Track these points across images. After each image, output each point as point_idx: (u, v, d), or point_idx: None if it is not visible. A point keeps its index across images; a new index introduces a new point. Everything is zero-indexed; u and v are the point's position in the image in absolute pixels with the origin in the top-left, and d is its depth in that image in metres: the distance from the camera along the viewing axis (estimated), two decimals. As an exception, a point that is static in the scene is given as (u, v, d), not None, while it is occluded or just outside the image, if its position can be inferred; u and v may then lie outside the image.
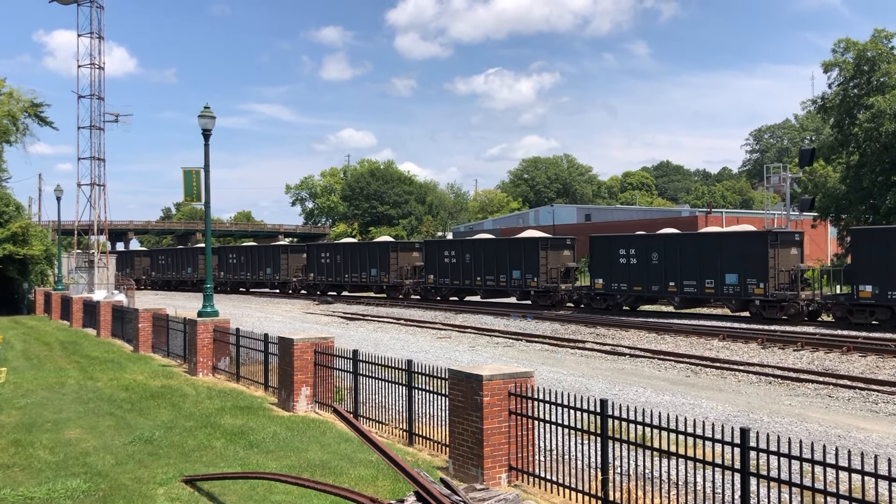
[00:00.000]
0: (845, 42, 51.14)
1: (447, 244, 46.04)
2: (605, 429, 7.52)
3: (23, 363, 19.86)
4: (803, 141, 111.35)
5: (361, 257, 50.46)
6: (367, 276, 49.66)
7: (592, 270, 36.66)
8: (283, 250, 58.88)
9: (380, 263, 48.75)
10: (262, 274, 59.72)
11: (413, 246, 50.40)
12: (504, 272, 40.66)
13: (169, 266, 73.53)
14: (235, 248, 64.75)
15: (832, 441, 11.91)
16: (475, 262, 42.42)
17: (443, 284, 44.37)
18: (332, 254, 52.90)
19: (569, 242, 40.64)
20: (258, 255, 61.21)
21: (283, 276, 57.50)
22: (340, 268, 51.87)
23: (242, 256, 62.28)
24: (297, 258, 58.30)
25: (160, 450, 10.26)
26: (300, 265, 57.42)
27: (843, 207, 51.36)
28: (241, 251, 63.58)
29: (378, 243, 51.76)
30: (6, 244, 39.38)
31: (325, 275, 53.13)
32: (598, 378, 18.36)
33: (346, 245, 54.10)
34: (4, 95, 43.47)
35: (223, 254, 64.76)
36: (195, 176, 22.49)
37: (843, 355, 21.80)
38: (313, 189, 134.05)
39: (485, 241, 44.03)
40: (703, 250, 32.61)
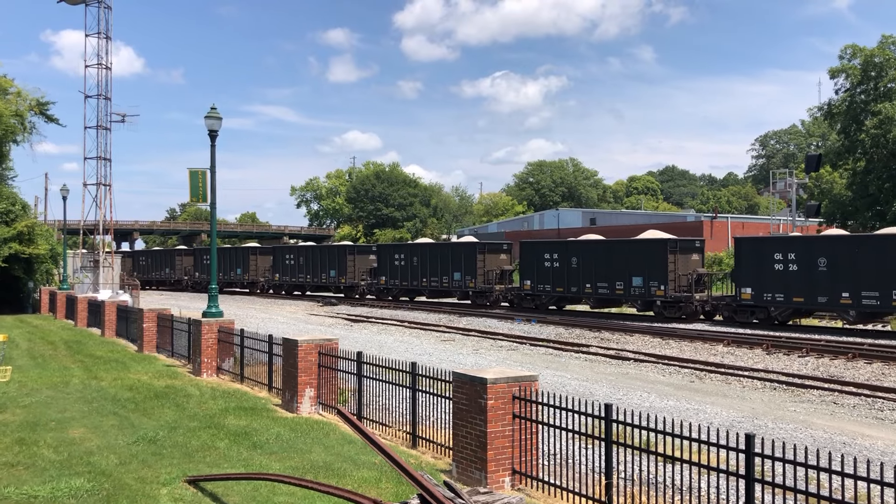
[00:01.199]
0: (852, 48, 51.06)
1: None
2: (609, 433, 7.50)
3: (27, 362, 19.90)
4: (809, 147, 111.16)
5: (442, 259, 44.96)
6: (450, 280, 44.41)
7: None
8: (349, 251, 53.67)
9: (465, 267, 43.50)
10: (325, 276, 54.13)
11: (501, 248, 44.77)
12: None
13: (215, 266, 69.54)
14: (293, 248, 61.80)
15: (837, 448, 11.86)
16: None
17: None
18: (408, 255, 47.36)
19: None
20: (320, 256, 55.53)
21: (350, 280, 52.40)
22: (417, 271, 46.47)
23: (301, 257, 56.89)
24: (364, 260, 53.22)
25: (164, 450, 10.26)
26: (366, 268, 52.41)
27: (849, 213, 51.30)
28: (299, 251, 58.43)
29: (463, 244, 46.31)
30: (12, 243, 39.50)
31: (398, 279, 47.79)
32: (602, 382, 18.32)
33: (425, 246, 48.59)
34: (12, 95, 43.63)
35: (279, 254, 60.47)
36: (201, 177, 22.55)
37: (848, 362, 21.73)
38: (318, 191, 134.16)
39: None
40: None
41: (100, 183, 50.28)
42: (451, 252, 44.50)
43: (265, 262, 61.73)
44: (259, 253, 63.07)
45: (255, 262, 61.88)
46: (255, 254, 62.72)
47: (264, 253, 63.10)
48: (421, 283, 46.05)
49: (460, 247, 44.91)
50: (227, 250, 63.53)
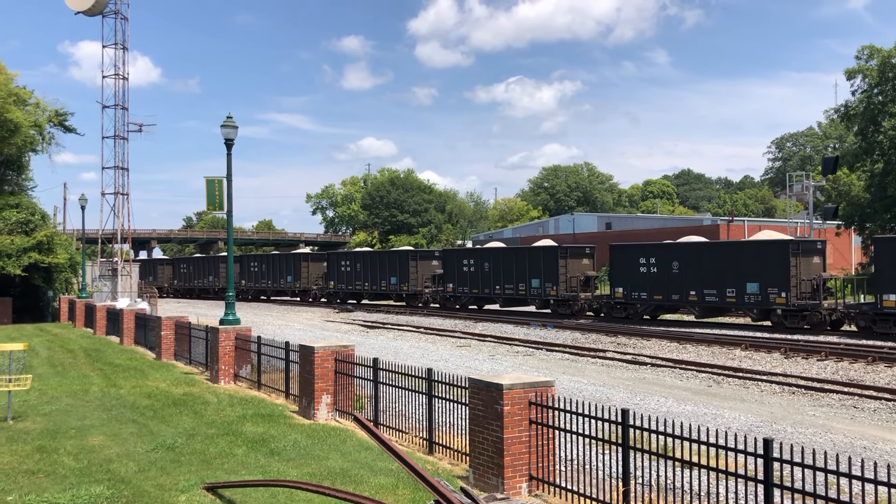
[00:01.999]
0: (869, 49, 50.67)
1: None
2: (626, 439, 7.48)
3: (48, 370, 20.08)
4: (826, 149, 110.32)
5: (518, 264, 41.22)
6: (527, 287, 40.44)
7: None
8: (412, 256, 50.20)
9: (545, 273, 39.39)
10: (385, 284, 51.04)
11: (584, 251, 41.05)
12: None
13: (262, 274, 64.46)
14: (349, 254, 57.21)
15: (858, 453, 11.75)
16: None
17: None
18: (478, 261, 43.76)
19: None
20: (379, 262, 52.14)
21: (413, 287, 48.62)
22: (489, 278, 42.76)
23: (358, 264, 53.71)
24: (427, 265, 49.66)
25: (182, 457, 10.32)
26: (431, 274, 48.96)
27: (867, 216, 50.83)
28: (356, 257, 54.89)
29: (543, 248, 41.79)
30: (32, 252, 39.89)
31: (467, 286, 44.34)
32: (619, 388, 18.25)
33: (497, 250, 44.63)
34: (31, 106, 44.12)
35: (334, 261, 56.60)
36: (217, 185, 22.69)
37: (868, 365, 21.52)
38: (334, 198, 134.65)
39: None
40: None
41: (117, 192, 50.73)
42: (529, 257, 40.73)
43: (317, 269, 58.67)
44: (311, 259, 60.22)
45: (307, 269, 58.83)
46: (307, 260, 59.97)
47: (316, 259, 60.17)
48: (493, 290, 42.38)
49: (539, 251, 40.97)
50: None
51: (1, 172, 44.33)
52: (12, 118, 39.65)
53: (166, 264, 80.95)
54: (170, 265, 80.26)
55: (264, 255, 67.26)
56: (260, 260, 65.06)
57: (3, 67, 41.19)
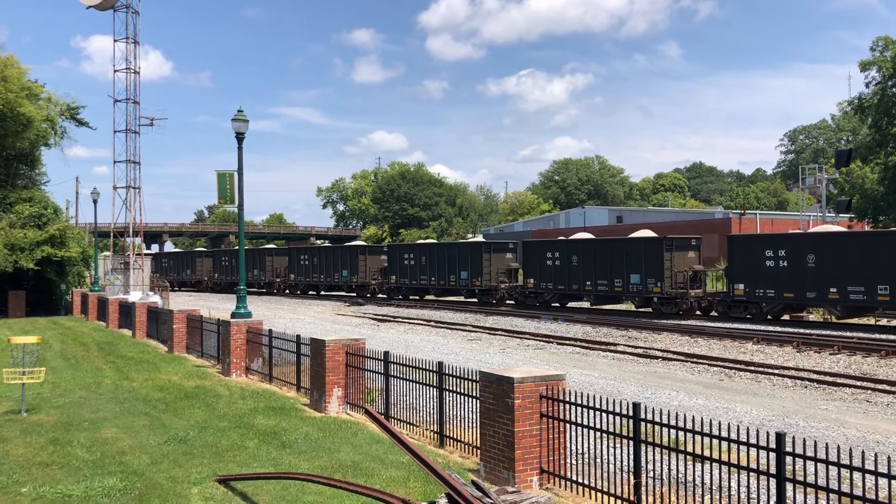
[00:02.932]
0: (884, 40, 50.22)
1: None
2: (637, 432, 7.46)
3: (61, 363, 20.22)
4: (839, 142, 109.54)
5: (616, 256, 37.44)
6: (624, 282, 36.77)
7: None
8: (485, 248, 45.66)
9: (646, 267, 35.96)
10: (455, 279, 46.63)
11: (689, 244, 36.77)
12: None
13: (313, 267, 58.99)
14: (412, 246, 53.26)
15: (870, 447, 11.69)
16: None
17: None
18: (564, 254, 39.76)
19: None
20: (449, 255, 47.60)
21: (486, 283, 44.63)
22: (578, 272, 38.96)
23: (423, 257, 48.96)
24: (500, 259, 45.69)
25: (194, 450, 10.38)
26: (505, 268, 45.36)
27: (880, 209, 50.48)
28: (420, 250, 50.04)
29: (644, 240, 37.91)
30: (45, 246, 40.15)
31: (551, 281, 40.40)
32: (630, 381, 18.21)
33: (587, 242, 40.62)
34: (43, 100, 44.34)
35: (395, 253, 51.87)
36: (229, 179, 22.76)
37: (881, 359, 21.40)
38: (344, 191, 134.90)
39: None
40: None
41: (129, 186, 50.94)
42: (627, 250, 36.87)
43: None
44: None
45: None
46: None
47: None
48: (584, 286, 38.17)
49: (639, 243, 37.00)
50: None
51: (14, 167, 44.60)
52: (25, 112, 39.87)
53: (206, 256, 76.38)
54: (209, 257, 75.91)
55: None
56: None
57: (15, 62, 41.40)
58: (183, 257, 79.02)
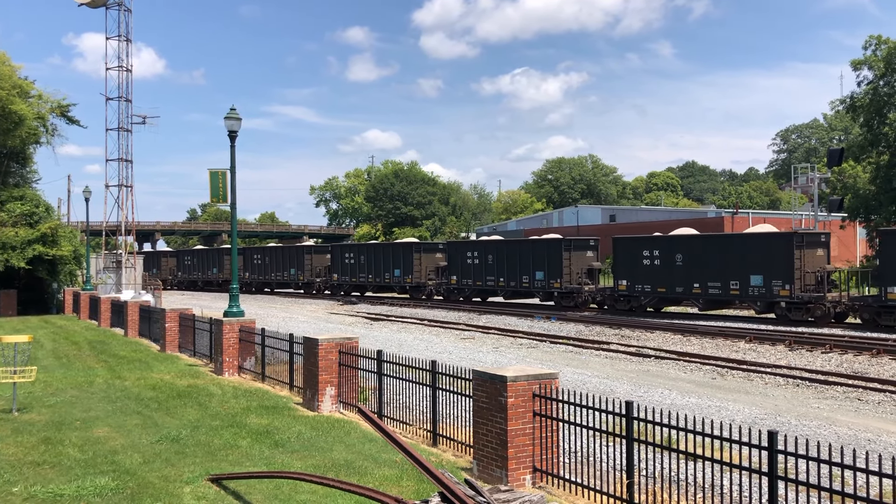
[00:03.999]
0: (877, 39, 50.37)
1: None
2: (630, 431, 7.47)
3: (52, 362, 20.14)
4: (832, 141, 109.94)
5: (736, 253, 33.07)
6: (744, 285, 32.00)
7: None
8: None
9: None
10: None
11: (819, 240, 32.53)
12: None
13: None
14: (353, 246, 58.26)
15: (862, 445, 11.74)
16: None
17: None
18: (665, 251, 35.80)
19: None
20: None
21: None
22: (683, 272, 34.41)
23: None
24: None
25: (187, 449, 10.35)
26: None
27: (872, 208, 50.66)
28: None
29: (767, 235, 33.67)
30: (36, 245, 39.98)
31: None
32: (622, 380, 18.25)
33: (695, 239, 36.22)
34: (34, 98, 44.15)
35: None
36: (221, 177, 22.70)
37: (872, 358, 21.49)
38: (337, 190, 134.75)
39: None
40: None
41: (121, 184, 50.77)
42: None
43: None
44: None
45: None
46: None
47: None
48: (691, 289, 33.69)
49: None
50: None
51: (5, 165, 44.39)
52: (16, 110, 39.69)
53: (170, 256, 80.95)
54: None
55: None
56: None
57: (7, 59, 41.22)
58: (209, 255, 73.16)
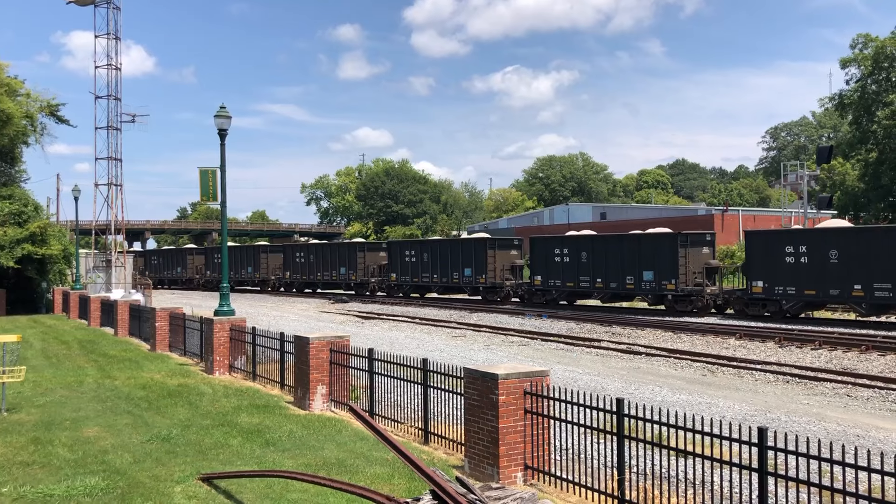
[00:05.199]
0: (865, 37, 50.66)
1: None
2: (621, 428, 7.49)
3: (42, 362, 20.04)
4: (821, 138, 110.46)
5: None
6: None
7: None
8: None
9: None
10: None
11: None
12: None
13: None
14: (301, 245, 61.41)
15: (851, 441, 11.81)
16: None
17: None
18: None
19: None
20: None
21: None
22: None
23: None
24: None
25: (177, 448, 10.32)
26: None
27: (861, 205, 50.98)
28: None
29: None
30: (25, 244, 39.76)
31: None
32: (613, 377, 18.29)
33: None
34: (22, 97, 43.89)
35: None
36: (211, 176, 22.62)
37: (861, 354, 21.61)
38: (328, 188, 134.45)
39: None
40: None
41: (111, 183, 50.53)
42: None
43: None
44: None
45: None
46: None
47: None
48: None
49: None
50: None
51: (-7, 164, 44.13)
52: (4, 109, 39.47)
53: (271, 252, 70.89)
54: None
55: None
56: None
57: (-6, 58, 40.92)
58: (243, 252, 66.37)
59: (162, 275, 75.64)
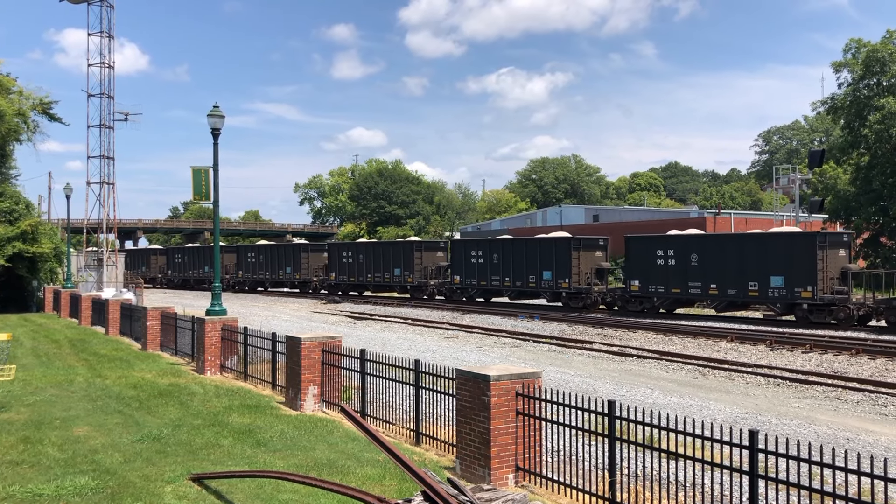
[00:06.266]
0: (857, 42, 50.88)
1: None
2: (612, 430, 7.51)
3: (32, 361, 19.95)
4: (813, 142, 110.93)
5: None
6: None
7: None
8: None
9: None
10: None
11: None
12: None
13: None
14: (252, 246, 62.57)
15: (841, 444, 11.86)
16: None
17: None
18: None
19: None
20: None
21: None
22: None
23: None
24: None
25: (168, 448, 10.29)
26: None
27: (852, 210, 51.14)
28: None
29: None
30: (16, 242, 39.58)
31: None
32: (605, 379, 18.32)
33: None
34: (14, 94, 43.67)
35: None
36: (204, 175, 22.59)
37: (851, 357, 21.71)
38: (322, 188, 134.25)
39: None
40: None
41: (103, 181, 50.40)
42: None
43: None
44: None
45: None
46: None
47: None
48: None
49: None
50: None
51: (-15, 161, 43.90)
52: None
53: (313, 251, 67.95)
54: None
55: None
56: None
57: (-14, 55, 40.71)
58: (278, 251, 61.35)
59: (187, 274, 70.30)
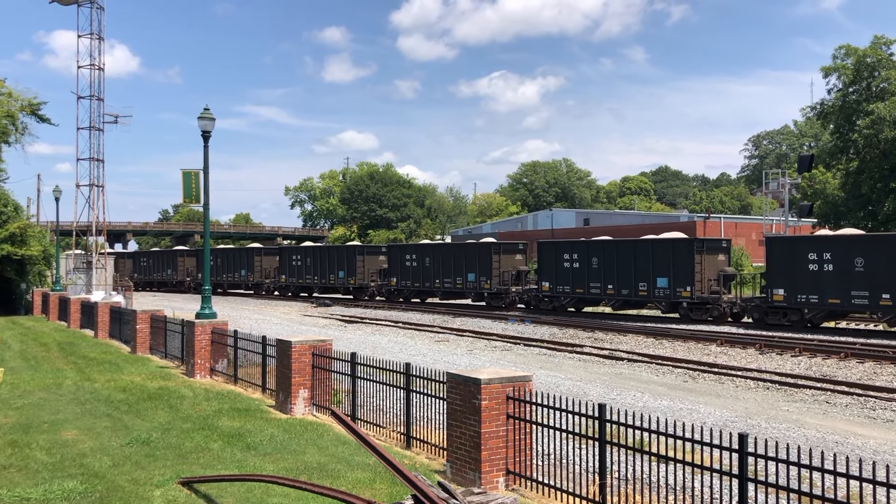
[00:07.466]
0: (846, 48, 51.24)
1: None
2: (602, 433, 7.52)
3: (20, 364, 19.82)
4: (802, 147, 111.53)
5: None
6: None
7: None
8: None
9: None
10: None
11: None
12: None
13: None
14: (217, 249, 64.77)
15: (830, 447, 11.90)
16: None
17: None
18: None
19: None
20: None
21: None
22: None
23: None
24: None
25: (157, 451, 10.24)
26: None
27: (841, 214, 51.44)
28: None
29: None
30: (4, 244, 39.35)
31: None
32: (595, 382, 18.35)
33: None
34: (3, 96, 43.45)
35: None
36: (194, 177, 22.49)
37: (840, 361, 21.81)
38: (312, 191, 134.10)
39: None
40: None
41: (93, 184, 50.15)
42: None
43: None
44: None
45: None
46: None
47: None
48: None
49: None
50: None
51: (-27, 163, 43.64)
52: (-16, 108, 39.03)
53: None
54: None
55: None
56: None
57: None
58: (329, 253, 56.45)
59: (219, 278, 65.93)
